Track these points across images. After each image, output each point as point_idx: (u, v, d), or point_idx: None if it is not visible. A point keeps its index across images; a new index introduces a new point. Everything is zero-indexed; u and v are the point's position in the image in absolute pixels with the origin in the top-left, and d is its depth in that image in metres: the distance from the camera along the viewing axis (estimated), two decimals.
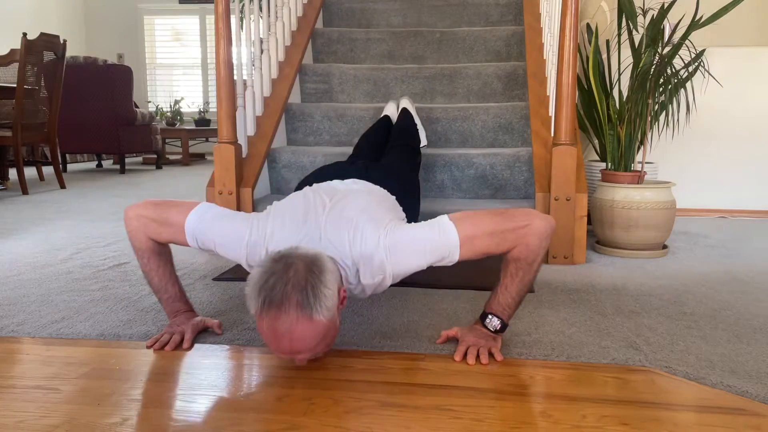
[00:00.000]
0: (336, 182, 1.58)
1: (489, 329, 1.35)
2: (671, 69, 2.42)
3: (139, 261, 1.43)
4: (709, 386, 1.19)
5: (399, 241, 1.29)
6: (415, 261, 1.29)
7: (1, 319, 1.56)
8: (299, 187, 1.66)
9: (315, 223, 1.32)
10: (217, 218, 1.37)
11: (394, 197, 1.59)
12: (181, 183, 4.86)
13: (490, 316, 1.35)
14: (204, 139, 7.27)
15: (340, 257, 1.28)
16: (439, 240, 1.28)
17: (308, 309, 1.11)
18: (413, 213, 1.79)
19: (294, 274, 1.13)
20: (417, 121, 2.53)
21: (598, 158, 3.03)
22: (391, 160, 2.10)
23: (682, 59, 2.62)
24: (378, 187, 1.58)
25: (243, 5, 2.68)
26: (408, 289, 1.84)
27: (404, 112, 2.48)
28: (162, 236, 1.39)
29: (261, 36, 2.92)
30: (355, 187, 1.54)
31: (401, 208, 1.58)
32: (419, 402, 1.11)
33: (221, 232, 1.35)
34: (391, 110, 2.58)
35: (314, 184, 1.56)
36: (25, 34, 3.97)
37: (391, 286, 1.35)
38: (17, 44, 4.07)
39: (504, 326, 1.35)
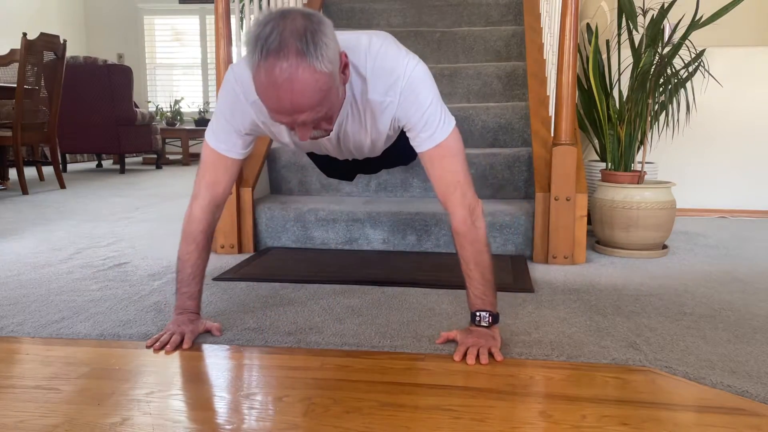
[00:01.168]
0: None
1: (483, 325, 1.35)
2: (671, 69, 2.42)
3: (182, 248, 1.44)
4: (709, 386, 1.19)
5: (420, 76, 1.28)
6: (415, 110, 1.29)
7: (1, 319, 1.56)
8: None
9: None
10: (216, 107, 1.40)
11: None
12: (181, 183, 4.86)
13: (477, 313, 1.36)
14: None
15: (352, 58, 1.23)
16: (439, 119, 1.30)
17: (308, 56, 1.06)
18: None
19: (291, 21, 1.08)
20: None
21: (598, 158, 3.03)
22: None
23: (682, 59, 2.62)
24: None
25: (243, 5, 2.68)
26: (408, 289, 1.84)
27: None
28: (215, 180, 1.42)
29: None
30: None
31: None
32: (419, 402, 1.11)
33: (221, 107, 1.36)
34: None
35: None
36: (25, 34, 3.97)
37: (391, 285, 1.35)
38: (17, 44, 4.07)
39: (494, 316, 1.36)
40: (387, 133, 1.39)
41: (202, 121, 6.97)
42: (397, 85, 1.27)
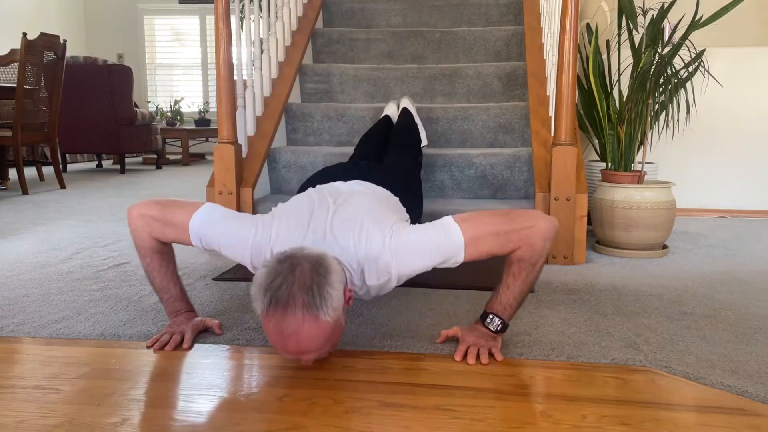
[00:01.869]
0: (339, 183, 1.58)
1: (490, 329, 1.35)
2: (671, 69, 2.42)
3: (141, 260, 1.43)
4: (709, 386, 1.19)
5: (404, 242, 1.29)
6: (420, 263, 1.29)
7: (1, 319, 1.56)
8: (302, 189, 1.66)
9: (320, 225, 1.32)
10: (222, 219, 1.37)
11: (397, 198, 1.60)
12: (181, 183, 4.86)
13: (491, 316, 1.35)
14: (204, 139, 7.27)
15: (345, 258, 1.28)
16: (444, 241, 1.28)
17: (314, 309, 1.11)
18: (416, 213, 1.79)
19: (300, 275, 1.13)
20: (417, 120, 2.53)
21: (598, 158, 3.03)
22: (393, 161, 2.10)
23: (682, 59, 2.62)
24: (381, 188, 1.58)
25: (243, 5, 2.68)
26: (408, 289, 1.84)
27: (405, 112, 2.48)
28: (166, 236, 1.39)
29: (261, 36, 2.92)
30: (359, 188, 1.54)
31: (404, 209, 1.58)
32: (419, 402, 1.11)
33: (226, 234, 1.35)
34: (392, 110, 2.58)
35: (318, 186, 1.56)
36: (25, 34, 3.97)
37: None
38: (17, 44, 4.07)
39: (505, 326, 1.35)
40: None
41: (202, 121, 6.97)
42: (389, 268, 1.28)
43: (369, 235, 1.29)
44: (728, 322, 1.56)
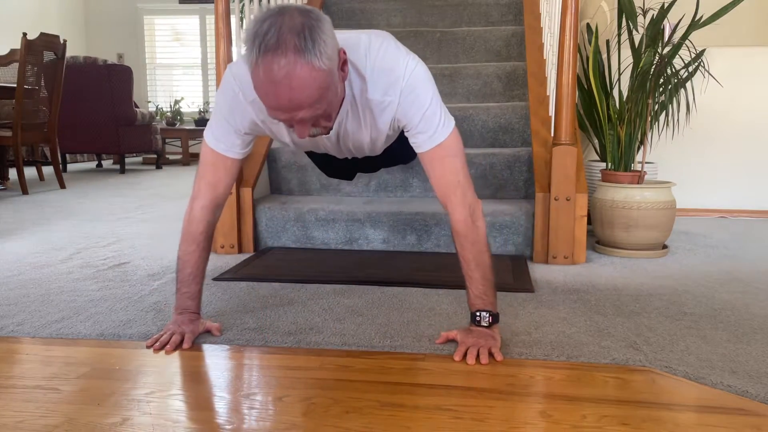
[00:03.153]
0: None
1: (483, 325, 1.35)
2: (671, 69, 2.42)
3: (183, 248, 1.44)
4: (709, 386, 1.19)
5: (420, 76, 1.28)
6: (415, 111, 1.29)
7: (1, 319, 1.56)
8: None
9: None
10: (215, 105, 1.39)
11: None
12: (181, 183, 4.86)
13: (477, 313, 1.36)
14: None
15: (351, 56, 1.23)
16: (439, 120, 1.31)
17: (306, 53, 1.06)
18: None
19: (289, 18, 1.08)
20: None
21: (598, 158, 3.03)
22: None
23: (682, 59, 2.62)
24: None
25: (243, 5, 2.68)
26: (408, 289, 1.84)
27: None
28: (215, 181, 1.41)
29: None
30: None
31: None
32: (419, 402, 1.11)
33: (220, 105, 1.36)
34: None
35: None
36: (25, 34, 3.97)
37: (391, 285, 1.35)
38: (17, 44, 4.07)
39: (495, 316, 1.36)
40: (387, 133, 1.39)
41: (202, 121, 6.97)
42: (396, 85, 1.27)
43: (386, 45, 1.27)
44: (728, 322, 1.56)
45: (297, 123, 1.15)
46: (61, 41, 4.35)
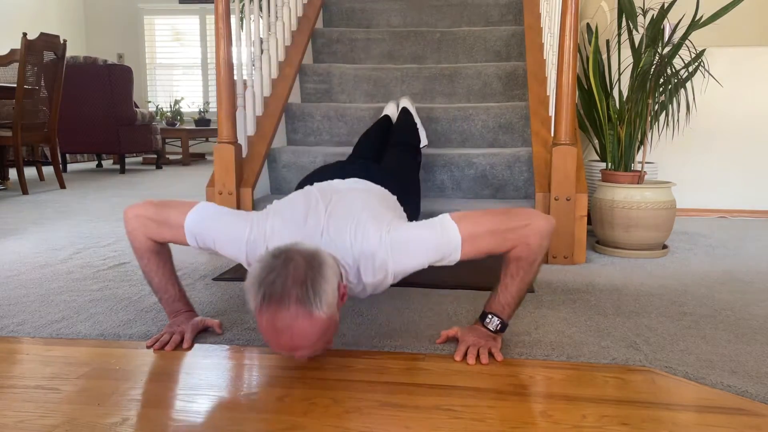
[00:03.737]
0: (337, 181, 1.58)
1: (489, 329, 1.35)
2: (671, 69, 2.42)
3: (139, 261, 1.43)
4: (709, 386, 1.19)
5: (401, 239, 1.29)
6: (416, 260, 1.29)
7: (1, 319, 1.56)
8: (300, 186, 1.66)
9: (316, 222, 1.32)
10: (217, 217, 1.37)
11: (395, 197, 1.60)
12: (181, 183, 4.86)
13: (490, 316, 1.35)
14: (204, 139, 7.27)
15: (341, 255, 1.27)
16: (441, 239, 1.28)
17: (308, 304, 1.10)
18: (414, 212, 1.78)
19: (294, 269, 1.12)
20: (417, 120, 2.53)
21: (598, 158, 3.03)
22: (392, 160, 2.10)
23: (682, 59, 2.62)
24: (379, 186, 1.58)
25: (243, 5, 2.68)
26: (408, 289, 1.84)
27: (404, 111, 2.48)
28: (162, 236, 1.39)
29: (261, 36, 2.92)
30: (357, 186, 1.54)
31: (402, 208, 1.58)
32: (419, 402, 1.11)
33: (221, 231, 1.35)
34: (392, 110, 2.58)
35: (315, 183, 1.56)
36: (25, 34, 3.97)
37: (391, 285, 1.35)
38: (17, 44, 4.07)
39: (504, 326, 1.35)
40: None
41: (202, 121, 6.97)
42: (385, 265, 1.28)
43: (366, 232, 1.29)
44: (728, 322, 1.56)
45: (297, 356, 1.20)
46: (61, 41, 4.35)
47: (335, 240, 1.28)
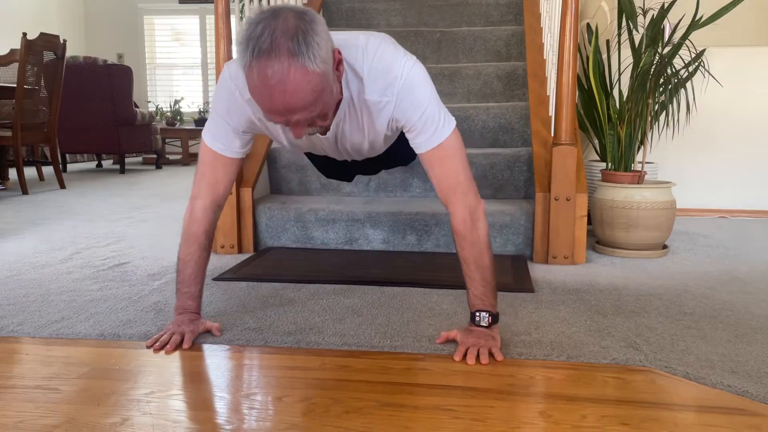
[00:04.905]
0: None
1: (483, 325, 1.35)
2: (671, 69, 2.42)
3: (183, 249, 1.44)
4: (709, 386, 1.19)
5: (418, 76, 1.28)
6: (413, 110, 1.29)
7: (1, 319, 1.56)
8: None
9: None
10: (212, 103, 1.38)
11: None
12: (181, 183, 4.86)
13: (476, 313, 1.36)
14: None
15: (347, 54, 1.23)
16: (439, 120, 1.30)
17: (300, 56, 1.06)
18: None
19: (283, 21, 1.08)
20: None
21: (598, 158, 3.03)
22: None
23: (682, 59, 2.62)
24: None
25: (243, 5, 2.68)
26: (408, 289, 1.84)
27: None
28: (215, 181, 1.41)
29: None
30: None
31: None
32: (419, 402, 1.11)
33: (217, 105, 1.35)
34: None
35: None
36: (25, 34, 3.97)
37: (391, 285, 1.35)
38: (17, 44, 4.07)
39: (494, 316, 1.36)
40: (385, 134, 1.39)
41: (202, 121, 6.97)
42: (394, 86, 1.27)
43: (384, 46, 1.27)
44: (728, 322, 1.56)
45: (293, 125, 1.16)
46: (61, 41, 4.35)
47: (343, 42, 1.23)
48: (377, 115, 1.32)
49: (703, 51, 2.61)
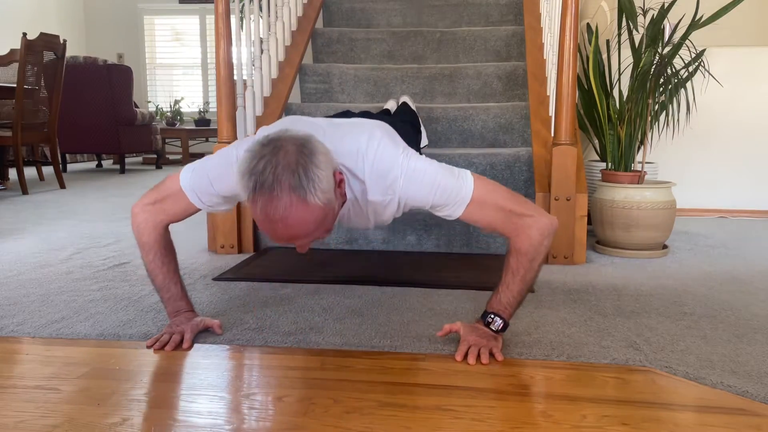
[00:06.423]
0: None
1: (491, 328, 1.35)
2: (671, 69, 2.42)
3: (144, 258, 1.43)
4: (709, 386, 1.19)
5: (417, 167, 1.28)
6: (423, 192, 1.28)
7: (1, 319, 1.56)
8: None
9: (320, 125, 1.29)
10: (205, 160, 1.37)
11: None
12: None
13: (492, 315, 1.35)
14: (204, 139, 7.27)
15: (346, 162, 1.24)
16: (454, 185, 1.28)
17: (302, 191, 1.08)
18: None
19: (284, 156, 1.09)
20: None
21: (598, 158, 3.03)
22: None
23: (682, 59, 2.62)
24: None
25: (243, 5, 2.68)
26: (408, 289, 1.84)
27: (404, 105, 2.48)
28: (169, 211, 1.38)
29: (261, 36, 2.92)
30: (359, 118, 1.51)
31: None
32: (419, 402, 1.11)
33: (211, 166, 1.34)
34: (391, 105, 2.58)
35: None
36: (25, 34, 3.97)
37: (391, 285, 1.35)
38: (17, 44, 4.07)
39: (506, 325, 1.35)
40: (394, 216, 1.39)
41: (201, 121, 6.97)
42: (395, 185, 1.27)
43: (383, 148, 1.26)
44: (728, 322, 1.56)
45: (297, 245, 1.19)
46: (61, 41, 4.35)
47: (340, 151, 1.24)
48: (383, 210, 1.33)
49: (703, 51, 2.61)
